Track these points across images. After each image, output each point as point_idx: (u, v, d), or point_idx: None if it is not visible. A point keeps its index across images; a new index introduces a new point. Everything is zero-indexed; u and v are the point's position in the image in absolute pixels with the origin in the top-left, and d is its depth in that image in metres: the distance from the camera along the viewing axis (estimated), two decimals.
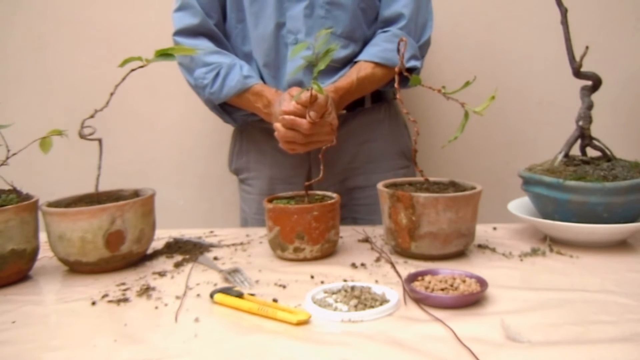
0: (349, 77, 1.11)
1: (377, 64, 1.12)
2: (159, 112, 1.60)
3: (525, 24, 1.51)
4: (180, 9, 1.18)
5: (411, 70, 1.15)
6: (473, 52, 1.53)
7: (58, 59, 1.59)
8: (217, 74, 1.13)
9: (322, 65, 0.84)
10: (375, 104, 1.24)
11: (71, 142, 0.93)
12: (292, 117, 0.97)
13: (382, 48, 1.12)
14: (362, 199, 1.27)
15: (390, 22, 1.17)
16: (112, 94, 0.85)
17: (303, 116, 0.96)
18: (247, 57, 1.20)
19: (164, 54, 0.83)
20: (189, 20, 1.15)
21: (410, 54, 1.12)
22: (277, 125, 1.00)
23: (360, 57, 1.14)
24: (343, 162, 1.24)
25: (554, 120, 1.51)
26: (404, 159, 1.29)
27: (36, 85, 1.60)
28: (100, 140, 0.90)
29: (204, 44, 1.15)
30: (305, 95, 0.93)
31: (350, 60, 1.17)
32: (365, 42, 1.18)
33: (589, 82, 0.95)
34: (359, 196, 1.27)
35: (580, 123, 0.96)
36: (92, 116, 0.86)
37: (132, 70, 0.83)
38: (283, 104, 0.99)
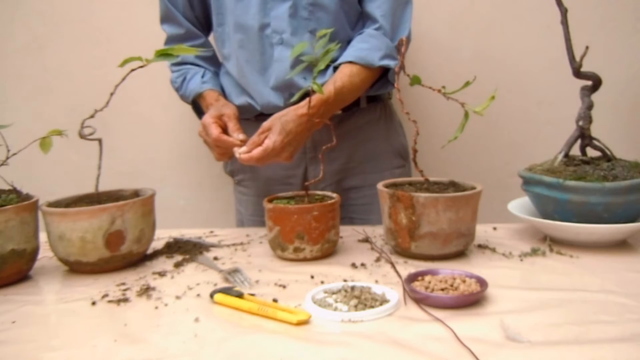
0: (325, 88, 1.06)
1: (352, 64, 1.09)
2: (159, 112, 1.60)
3: (525, 24, 1.51)
4: (164, 20, 1.25)
5: (387, 69, 1.13)
6: (473, 52, 1.53)
7: (58, 59, 1.59)
8: (184, 79, 1.23)
9: (322, 65, 0.85)
10: (370, 104, 1.25)
11: (71, 142, 0.93)
12: (222, 141, 1.05)
13: (355, 48, 1.11)
14: (359, 198, 1.27)
15: (368, 20, 1.16)
16: (112, 94, 0.85)
17: (228, 147, 1.05)
18: (226, 60, 1.22)
19: (164, 54, 0.83)
20: (175, 30, 1.24)
21: (383, 53, 1.09)
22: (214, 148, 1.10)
23: (338, 61, 1.12)
24: (339, 162, 1.24)
25: (554, 120, 1.51)
26: (399, 159, 1.30)
27: (36, 85, 1.60)
28: (100, 140, 0.90)
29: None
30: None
31: (335, 61, 1.14)
32: (349, 43, 1.17)
33: (589, 82, 0.95)
34: (355, 196, 1.27)
35: (580, 123, 0.96)
36: (92, 116, 0.86)
37: (132, 70, 0.83)
38: (209, 132, 1.06)
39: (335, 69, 1.11)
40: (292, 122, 1.01)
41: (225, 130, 1.08)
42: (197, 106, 1.26)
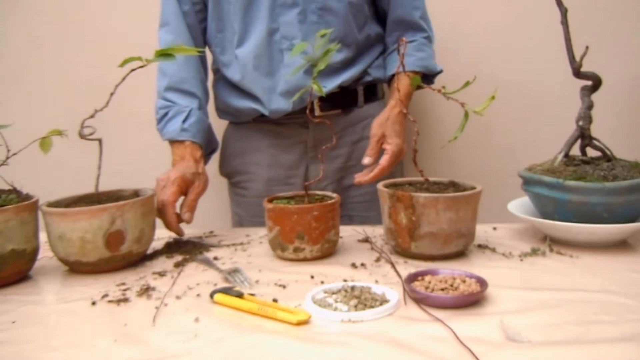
0: (404, 85, 1.13)
1: (416, 73, 1.16)
2: None
3: (525, 24, 1.51)
4: (162, 25, 1.22)
5: (437, 73, 1.24)
6: (473, 52, 1.53)
7: (58, 59, 1.59)
8: (166, 114, 1.16)
9: (322, 65, 0.85)
10: (368, 103, 1.26)
11: (71, 142, 0.93)
12: (167, 210, 1.02)
13: (416, 57, 1.18)
14: (358, 196, 1.28)
15: (409, 26, 1.22)
16: (112, 94, 0.85)
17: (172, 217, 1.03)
18: (226, 66, 1.21)
19: (164, 54, 0.83)
20: (170, 37, 1.19)
21: (436, 59, 1.23)
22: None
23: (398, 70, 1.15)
24: (340, 161, 1.25)
25: (554, 120, 1.51)
26: None
27: (36, 85, 1.60)
28: (100, 140, 0.90)
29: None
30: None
31: (344, 65, 1.18)
32: (358, 46, 1.20)
33: (589, 82, 0.95)
34: (354, 194, 1.28)
35: (580, 123, 0.95)
36: (92, 116, 0.86)
37: (132, 70, 0.83)
38: (166, 191, 1.03)
39: (393, 76, 1.18)
40: (397, 122, 1.10)
41: (182, 194, 1.07)
42: None
